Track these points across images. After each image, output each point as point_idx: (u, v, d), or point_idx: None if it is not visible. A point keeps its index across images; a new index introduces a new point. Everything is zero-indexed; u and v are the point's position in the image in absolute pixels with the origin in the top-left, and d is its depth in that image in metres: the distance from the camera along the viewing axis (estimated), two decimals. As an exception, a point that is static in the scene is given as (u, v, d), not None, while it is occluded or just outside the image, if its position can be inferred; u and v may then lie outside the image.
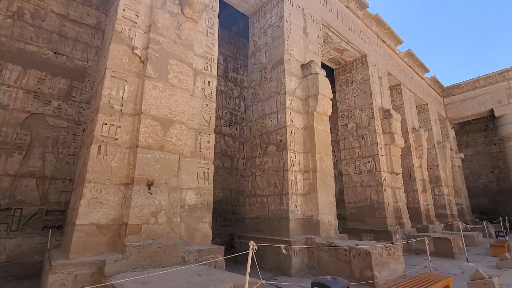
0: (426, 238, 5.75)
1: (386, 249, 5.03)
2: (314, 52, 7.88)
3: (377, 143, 9.47)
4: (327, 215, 6.32)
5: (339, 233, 6.68)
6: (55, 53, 6.67)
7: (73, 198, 4.21)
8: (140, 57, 4.27)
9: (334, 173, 7.23)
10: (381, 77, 10.96)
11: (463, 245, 8.29)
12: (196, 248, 4.05)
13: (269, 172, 6.60)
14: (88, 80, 6.96)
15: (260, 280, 2.55)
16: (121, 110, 3.97)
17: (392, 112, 9.95)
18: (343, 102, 10.95)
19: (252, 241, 2.57)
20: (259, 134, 7.13)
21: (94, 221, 3.46)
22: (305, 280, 5.07)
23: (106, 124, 3.79)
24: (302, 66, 7.19)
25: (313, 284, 2.77)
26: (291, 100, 6.69)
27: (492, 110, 16.67)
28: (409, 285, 3.39)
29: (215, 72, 5.24)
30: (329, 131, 7.06)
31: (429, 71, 15.76)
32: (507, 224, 13.26)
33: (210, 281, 2.72)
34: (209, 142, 4.79)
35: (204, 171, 4.63)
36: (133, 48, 4.23)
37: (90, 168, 3.55)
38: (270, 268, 5.57)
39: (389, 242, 7.95)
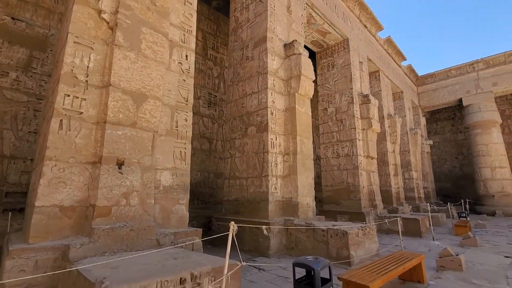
0: (398, 218, 5.99)
1: (362, 229, 5.16)
2: (298, 32, 7.65)
3: (355, 128, 9.61)
4: (306, 197, 6.35)
5: (316, 215, 6.80)
6: (13, 18, 5.93)
7: (33, 178, 3.81)
8: (108, 23, 3.82)
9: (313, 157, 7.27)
10: (361, 62, 11.00)
11: (429, 225, 8.82)
12: (172, 230, 3.87)
13: (249, 154, 6.45)
14: (51, 51, 6.29)
15: (241, 262, 2.44)
16: (87, 81, 3.56)
17: (371, 97, 10.09)
18: (323, 86, 10.91)
19: (233, 222, 2.43)
20: (239, 115, 6.91)
21: (56, 202, 3.14)
22: (283, 260, 5.10)
23: (68, 95, 3.38)
24: (285, 45, 6.95)
25: (294, 264, 2.71)
26: (273, 80, 6.49)
27: (460, 100, 17.55)
28: (385, 263, 3.47)
29: (193, 46, 4.88)
30: (310, 113, 6.99)
31: (406, 59, 16.13)
32: (467, 206, 14.36)
33: (187, 264, 2.57)
34: (186, 120, 4.51)
35: (181, 151, 4.38)
36: (100, 11, 3.77)
37: (50, 144, 3.18)
38: (248, 250, 5.55)
39: (363, 222, 8.27)
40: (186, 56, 4.72)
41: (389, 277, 3.06)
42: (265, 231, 2.80)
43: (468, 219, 10.61)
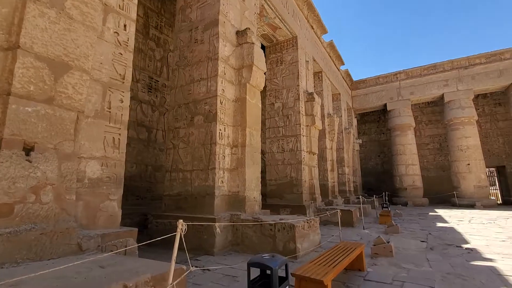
0: (338, 210, 6.33)
1: (307, 222, 5.24)
2: (251, 21, 7.39)
3: (300, 124, 9.90)
4: (253, 191, 6.20)
5: (261, 209, 6.73)
6: None
7: None
8: (16, -35, 2.91)
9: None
10: (307, 61, 11.38)
11: (360, 215, 9.68)
12: (99, 232, 3.22)
13: (194, 145, 5.97)
14: None
15: (190, 266, 2.07)
16: (-20, 37, 2.65)
17: (315, 96, 10.53)
18: (272, 81, 10.95)
19: (181, 220, 2.05)
20: (185, 103, 6.33)
21: None
22: (229, 257, 4.84)
23: None
24: (237, 32, 6.61)
25: (249, 264, 2.46)
26: (224, 68, 6.10)
27: (385, 105, 19.91)
28: (333, 254, 3.51)
29: (134, 15, 4.17)
30: (261, 105, 6.85)
31: (344, 64, 17.46)
32: (387, 198, 16.43)
33: (118, 273, 2.08)
34: (122, 101, 3.82)
35: (114, 137, 3.69)
36: None
37: None
38: (191, 248, 5.11)
39: (304, 215, 8.57)
40: (125, 25, 4.00)
41: (339, 269, 3.07)
42: (217, 229, 2.48)
43: (389, 209, 12.07)
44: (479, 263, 4.55)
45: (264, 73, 7.06)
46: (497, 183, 20.50)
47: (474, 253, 5.23)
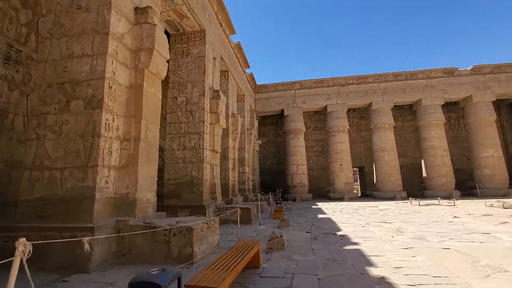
0: (238, 209, 6.38)
1: (206, 223, 5.00)
2: (153, 0, 6.57)
3: (204, 121, 9.58)
4: (147, 192, 5.49)
5: (156, 211, 6.06)
6: None
7: None
8: None
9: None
10: (215, 58, 11.19)
11: (257, 212, 10.18)
12: None
13: (69, 136, 4.77)
14: None
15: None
16: None
17: (221, 94, 10.44)
18: (175, 73, 10.19)
19: (24, 240, 1.42)
20: (58, 82, 4.99)
21: None
22: (111, 273, 4.06)
23: None
24: (136, 9, 5.73)
25: (131, 286, 1.99)
26: (116, 46, 5.15)
27: (283, 110, 21.97)
28: (231, 256, 3.39)
29: None
30: (161, 97, 6.16)
31: (249, 67, 18.21)
32: (280, 195, 18.12)
33: None
34: None
35: None
36: None
37: None
38: (58, 267, 4.03)
39: (204, 215, 8.30)
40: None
41: (237, 271, 2.96)
42: (86, 245, 1.91)
43: (282, 205, 13.28)
44: (349, 247, 5.42)
45: (168, 62, 6.42)
46: (358, 180, 25.91)
47: (345, 239, 6.23)
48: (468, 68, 20.37)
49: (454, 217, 9.41)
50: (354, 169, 24.98)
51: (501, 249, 4.94)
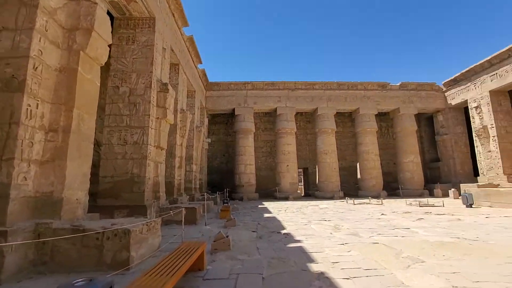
0: (183, 209, 6.09)
1: (147, 225, 4.64)
2: (95, -24, 5.86)
3: (149, 115, 8.94)
4: (77, 190, 4.86)
5: (88, 212, 5.42)
6: None
7: None
8: None
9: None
10: (165, 49, 10.56)
11: (203, 212, 9.92)
12: None
13: (-24, 122, 3.94)
14: None
15: None
16: None
17: (170, 87, 9.89)
18: (118, 60, 9.30)
19: None
20: (-38, 55, 4.08)
21: None
22: (25, 285, 3.46)
23: None
24: (72, -18, 5.02)
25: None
26: (46, 22, 4.43)
27: (234, 109, 21.93)
28: (173, 259, 3.19)
29: None
30: (99, 84, 5.52)
31: (202, 63, 17.71)
32: (227, 194, 18.04)
33: None
34: None
35: None
36: None
37: None
38: (-50, 282, 3.28)
39: (145, 216, 7.75)
40: None
41: (179, 275, 2.79)
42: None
43: (229, 204, 13.21)
44: (292, 245, 5.62)
45: (109, 47, 5.80)
46: (303, 180, 27.36)
47: (289, 237, 6.46)
48: (397, 84, 23.22)
49: (382, 214, 10.58)
50: (299, 170, 26.30)
51: (418, 242, 5.69)
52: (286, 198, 19.73)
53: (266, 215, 11.09)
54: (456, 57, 77.16)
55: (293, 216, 10.62)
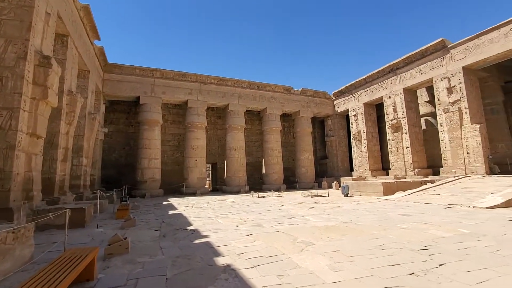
0: (68, 210, 5.06)
1: (13, 232, 3.64)
2: None
3: (21, 94, 7.06)
4: None
5: None
6: None
7: None
8: None
9: None
10: (49, 14, 8.52)
11: (94, 212, 8.60)
12: None
13: None
14: None
15: None
16: None
17: (53, 62, 8.06)
18: (-28, 15, 6.94)
19: None
20: None
21: None
22: None
23: None
24: None
25: None
26: None
27: (138, 97, 19.86)
28: (53, 271, 2.60)
29: None
30: None
31: (100, 40, 15.23)
32: (127, 191, 16.24)
33: None
34: None
35: None
36: None
37: None
38: None
39: (10, 221, 6.12)
40: None
41: (59, 292, 2.28)
42: None
43: (128, 202, 11.90)
44: (199, 241, 5.53)
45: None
46: (211, 175, 27.39)
47: (196, 233, 6.33)
48: (299, 89, 26.12)
49: (282, 205, 11.70)
50: (208, 165, 26.22)
51: (310, 228, 6.55)
52: (193, 194, 19.32)
53: (171, 212, 10.55)
54: (350, 68, 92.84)
55: (200, 211, 10.48)
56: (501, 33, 14.53)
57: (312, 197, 15.40)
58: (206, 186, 24.72)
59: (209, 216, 9.13)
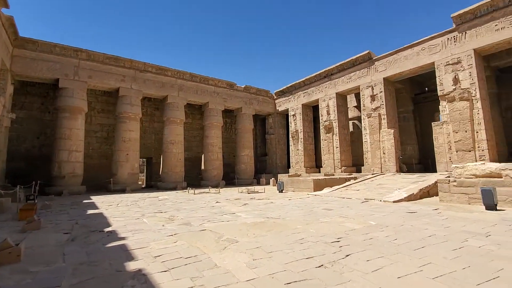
0: None
1: None
2: None
3: None
4: None
5: None
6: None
7: None
8: None
9: None
10: None
11: (-14, 214, 7.10)
12: None
13: None
14: None
15: None
16: None
17: None
18: None
19: None
20: None
21: None
22: None
23: None
24: None
25: None
26: None
27: (58, 80, 17.24)
28: None
29: None
30: None
31: (8, 8, 12.62)
32: (37, 188, 13.97)
33: None
34: None
35: None
36: None
37: None
38: None
39: None
40: None
41: None
42: None
43: (36, 201, 10.23)
44: (113, 244, 4.99)
45: None
46: (145, 170, 25.60)
47: (113, 235, 5.73)
48: (242, 86, 26.23)
49: (217, 202, 11.56)
50: (143, 159, 24.45)
51: (239, 225, 6.56)
52: (123, 191, 17.74)
53: (90, 211, 9.43)
54: (293, 69, 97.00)
55: (126, 210, 9.62)
56: (414, 51, 16.95)
57: (248, 193, 15.64)
58: (140, 183, 23.09)
59: (135, 215, 8.43)
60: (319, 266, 3.65)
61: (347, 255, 4.08)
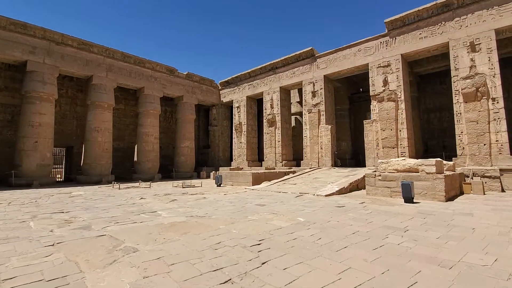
0: None
1: None
2: None
3: None
4: None
5: None
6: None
7: None
8: None
9: None
10: None
11: None
12: None
13: None
14: None
15: None
16: None
17: None
18: None
19: None
20: None
21: None
22: None
23: None
24: None
25: None
26: None
27: None
28: None
29: None
30: None
31: None
32: None
33: None
34: None
35: None
36: None
37: None
38: None
39: None
40: None
41: None
42: None
43: None
44: (-50, 264, 3.54)
45: None
46: (64, 161, 22.06)
47: (-39, 249, 4.17)
48: (184, 73, 24.44)
49: (141, 198, 10.19)
50: (61, 149, 21.02)
51: (152, 227, 5.54)
52: (28, 185, 14.78)
53: (-41, 213, 7.23)
54: (238, 60, 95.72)
55: (12, 211, 7.66)
56: (352, 51, 17.69)
57: (183, 187, 14.46)
58: (58, 176, 19.83)
59: (21, 217, 6.68)
60: (224, 282, 2.95)
61: (263, 263, 3.49)
